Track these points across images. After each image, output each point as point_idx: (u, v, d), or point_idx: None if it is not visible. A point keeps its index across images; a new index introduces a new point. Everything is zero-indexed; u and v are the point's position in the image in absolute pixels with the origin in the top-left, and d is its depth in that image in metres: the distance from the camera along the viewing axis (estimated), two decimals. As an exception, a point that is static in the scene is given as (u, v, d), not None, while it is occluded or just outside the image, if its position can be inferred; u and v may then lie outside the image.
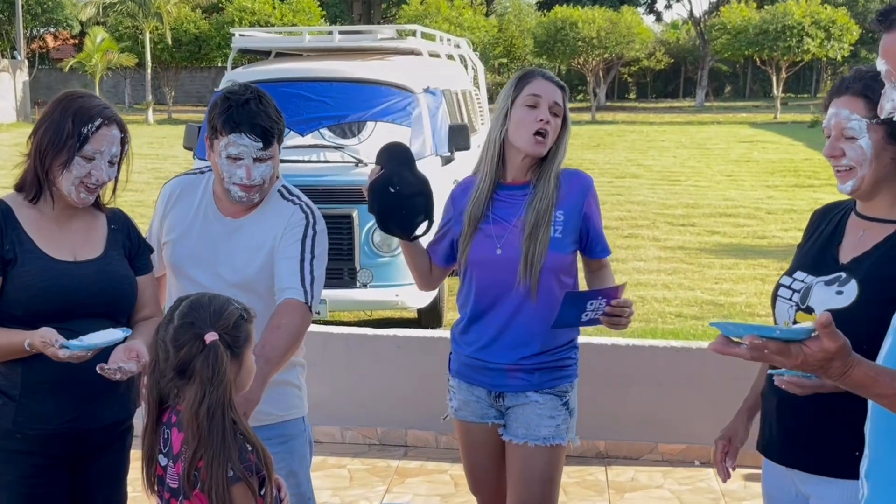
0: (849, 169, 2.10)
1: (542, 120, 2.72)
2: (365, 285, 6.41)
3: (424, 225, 2.82)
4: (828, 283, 2.13)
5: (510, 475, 2.83)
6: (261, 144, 2.50)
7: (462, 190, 2.92)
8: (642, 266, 9.99)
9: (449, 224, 2.91)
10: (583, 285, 2.91)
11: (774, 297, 2.27)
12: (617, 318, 2.67)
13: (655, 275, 9.60)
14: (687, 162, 20.43)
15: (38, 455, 2.41)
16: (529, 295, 2.72)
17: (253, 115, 2.48)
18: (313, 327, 5.03)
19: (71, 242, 2.47)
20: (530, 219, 2.71)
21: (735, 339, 1.69)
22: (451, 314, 7.83)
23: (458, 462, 4.58)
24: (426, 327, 6.75)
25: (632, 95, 57.90)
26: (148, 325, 2.47)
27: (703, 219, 12.64)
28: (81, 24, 42.15)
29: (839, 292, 2.10)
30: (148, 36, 36.55)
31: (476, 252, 2.77)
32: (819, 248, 2.24)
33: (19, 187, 2.46)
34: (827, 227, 2.27)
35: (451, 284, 8.66)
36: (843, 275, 2.12)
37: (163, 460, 2.04)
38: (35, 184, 2.43)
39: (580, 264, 2.91)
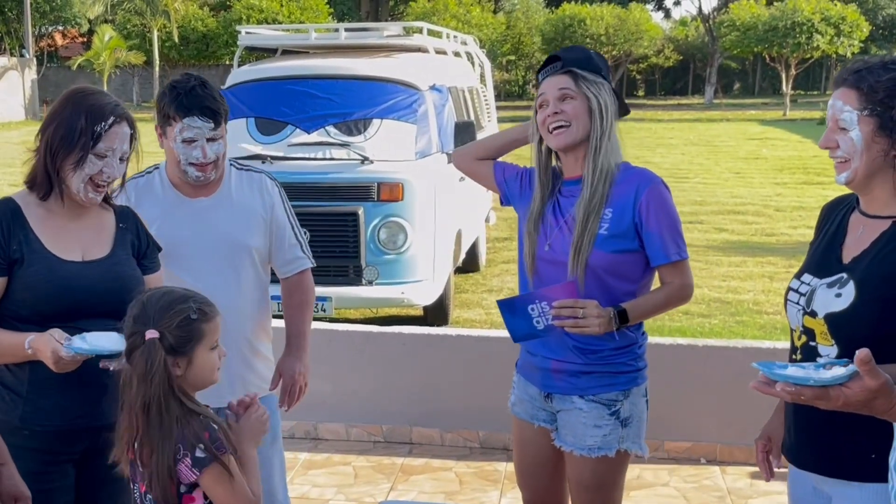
0: (844, 161, 2.09)
1: (548, 116, 2.64)
2: (370, 282, 6.40)
3: None
4: (829, 286, 2.11)
5: (568, 480, 2.82)
6: (212, 125, 2.70)
7: (533, 174, 2.81)
8: (650, 263, 9.96)
9: (520, 174, 2.86)
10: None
11: (786, 300, 2.25)
12: (574, 319, 2.53)
13: (663, 272, 9.56)
14: (695, 159, 20.37)
15: (45, 451, 2.43)
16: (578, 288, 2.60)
17: (202, 99, 2.69)
18: (318, 325, 5.05)
19: (79, 241, 2.47)
20: (579, 212, 2.62)
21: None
22: (458, 312, 7.83)
23: (463, 459, 4.60)
24: (432, 325, 6.75)
25: (640, 93, 57.78)
26: None
27: (710, 216, 12.60)
28: (90, 22, 42.22)
29: (838, 294, 2.08)
30: (156, 34, 36.64)
31: (530, 251, 2.73)
32: (824, 248, 2.22)
33: (30, 184, 2.45)
34: (832, 224, 2.25)
35: (457, 282, 8.66)
36: (844, 276, 2.10)
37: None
38: (45, 181, 2.41)
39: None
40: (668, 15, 63.17)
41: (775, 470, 2.41)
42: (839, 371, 1.67)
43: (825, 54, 38.50)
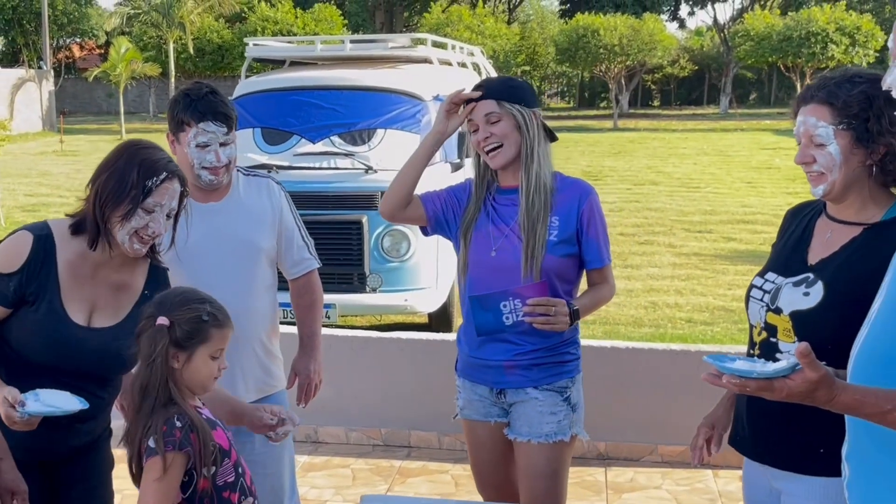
0: (820, 174, 2.16)
1: (479, 142, 2.82)
2: (374, 290, 6.50)
3: None
4: (796, 285, 2.19)
5: (518, 472, 2.93)
6: (225, 129, 2.81)
7: (463, 188, 2.98)
8: (656, 272, 10.02)
9: (449, 195, 2.96)
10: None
11: (748, 297, 2.33)
12: (545, 317, 2.71)
13: (669, 281, 9.62)
14: (707, 169, 20.37)
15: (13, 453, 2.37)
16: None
17: (215, 105, 2.81)
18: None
19: (93, 302, 2.44)
20: (523, 218, 2.79)
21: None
22: (461, 320, 7.90)
23: (459, 462, 4.67)
24: (437, 332, 6.83)
25: (655, 103, 57.72)
26: None
27: (720, 225, 12.64)
28: (107, 34, 42.67)
29: (806, 293, 2.16)
30: (171, 45, 36.94)
31: (473, 253, 2.86)
32: (789, 249, 2.30)
33: (74, 228, 2.42)
34: (797, 228, 2.33)
35: (463, 290, 8.74)
36: (811, 276, 2.18)
37: None
38: (94, 230, 2.39)
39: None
40: (682, 25, 63.11)
41: (708, 459, 2.52)
42: (781, 364, 1.76)
43: (840, 64, 38.35)
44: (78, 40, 49.70)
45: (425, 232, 3.00)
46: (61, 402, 2.25)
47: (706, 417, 2.57)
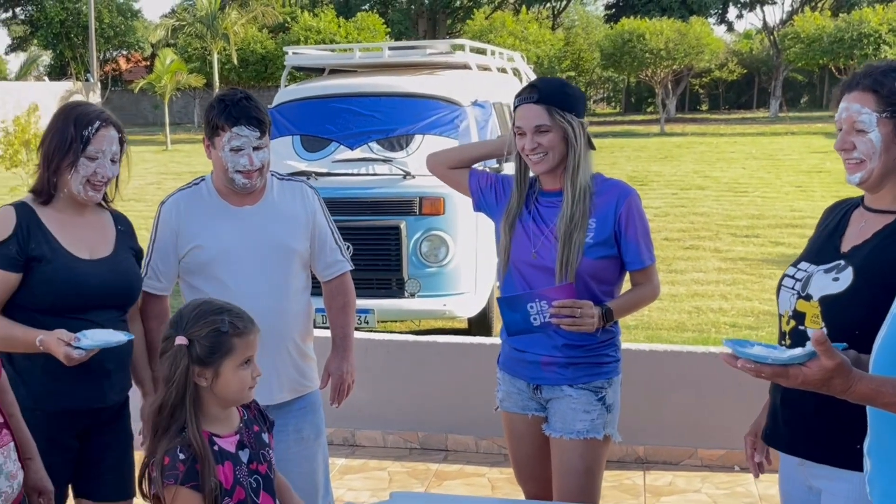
0: (859, 161, 2.16)
1: (526, 149, 2.84)
2: (413, 295, 6.52)
3: None
4: (827, 271, 2.20)
5: (553, 468, 2.96)
6: (258, 133, 2.87)
7: (509, 181, 3.01)
8: (701, 277, 9.91)
9: (496, 180, 3.04)
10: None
11: (779, 286, 2.34)
12: (571, 318, 2.73)
13: (714, 285, 9.51)
14: (756, 173, 20.09)
15: (54, 430, 2.66)
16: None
17: (248, 110, 2.86)
18: (356, 334, 5.17)
19: (86, 241, 2.72)
20: (563, 225, 2.82)
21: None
22: (501, 325, 7.88)
23: (496, 466, 4.66)
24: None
25: (704, 107, 57.13)
26: None
27: (767, 230, 12.45)
28: (152, 46, 43.47)
29: (835, 279, 2.16)
30: (216, 56, 37.45)
31: (515, 252, 2.91)
32: (824, 239, 2.31)
33: (34, 191, 2.72)
34: (833, 219, 2.34)
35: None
36: (842, 262, 2.19)
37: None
38: (46, 188, 2.68)
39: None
40: (730, 28, 62.48)
41: (764, 467, 2.48)
42: (797, 351, 1.74)
43: (894, 65, 37.54)
44: (124, 53, 50.70)
45: (474, 207, 3.12)
46: (107, 336, 2.49)
47: (752, 426, 2.54)
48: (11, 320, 2.61)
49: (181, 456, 2.03)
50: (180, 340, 2.09)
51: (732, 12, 57.74)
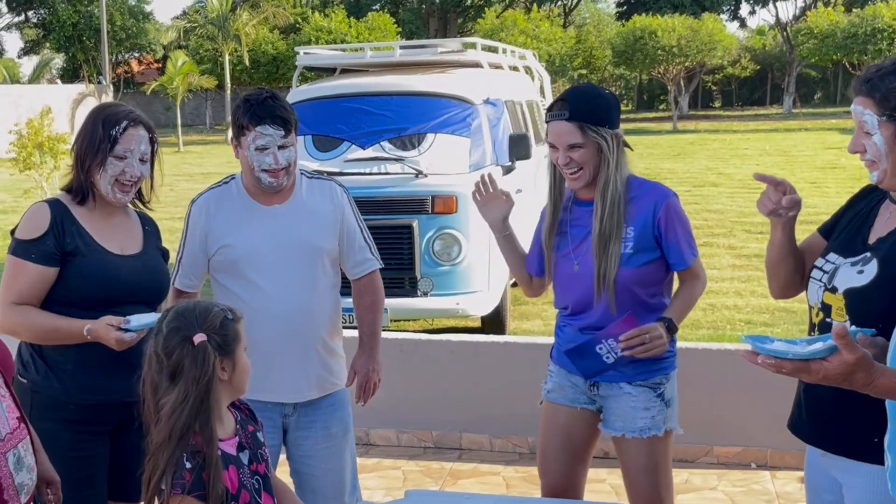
0: (872, 162, 2.17)
1: (560, 164, 2.84)
2: (426, 294, 6.50)
3: None
4: (853, 264, 2.20)
5: (621, 467, 3.00)
6: (283, 132, 2.86)
7: (544, 212, 3.06)
8: (716, 274, 9.84)
9: (538, 235, 3.07)
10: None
11: (808, 278, 2.34)
12: (641, 346, 2.76)
13: (728, 282, 9.45)
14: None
15: (87, 423, 2.70)
16: (610, 306, 2.84)
17: (273, 109, 2.86)
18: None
19: (116, 238, 2.79)
20: (597, 237, 2.81)
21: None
22: (516, 323, 7.87)
23: (511, 464, 4.65)
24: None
25: (717, 104, 56.92)
26: None
27: (781, 226, 12.38)
28: (164, 48, 43.63)
29: (860, 271, 2.17)
30: (227, 58, 37.53)
31: (558, 268, 2.94)
32: (853, 231, 2.31)
33: (68, 189, 2.78)
34: (864, 209, 2.33)
35: (516, 294, 8.70)
36: (868, 254, 2.19)
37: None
38: (80, 188, 2.75)
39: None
40: (743, 24, 62.23)
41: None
42: (818, 346, 1.73)
43: (908, 60, 37.30)
44: (136, 55, 50.92)
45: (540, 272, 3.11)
46: (152, 318, 2.50)
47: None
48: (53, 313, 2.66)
49: (187, 465, 2.00)
50: (200, 338, 2.05)
51: (745, 8, 57.58)
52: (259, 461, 2.21)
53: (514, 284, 8.20)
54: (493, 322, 7.04)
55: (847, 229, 2.33)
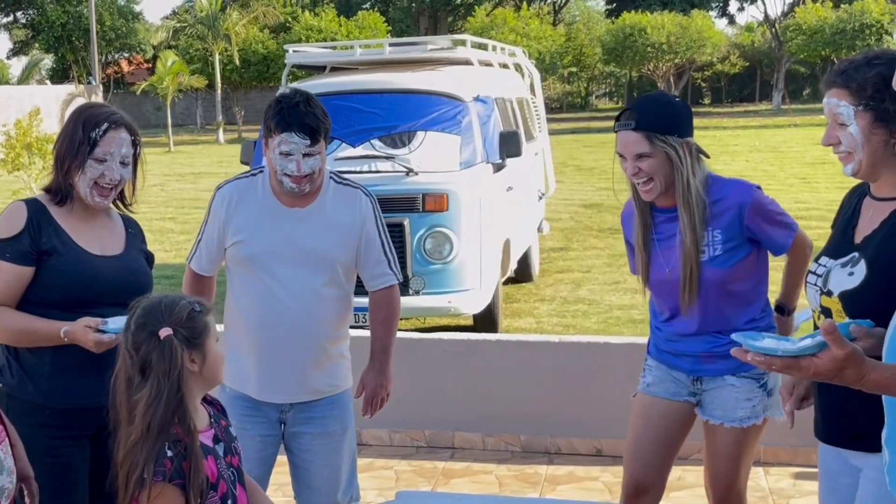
0: (847, 154, 2.18)
1: (629, 174, 2.82)
2: (418, 292, 6.48)
3: None
4: (843, 266, 2.20)
5: (705, 452, 3.02)
6: (308, 141, 2.80)
7: (628, 214, 3.06)
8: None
9: (629, 240, 3.08)
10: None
11: (805, 283, 2.35)
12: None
13: (719, 278, 9.46)
14: (759, 166, 20.06)
15: (65, 427, 2.64)
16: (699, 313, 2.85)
17: (302, 116, 2.79)
18: (360, 332, 5.14)
19: (97, 238, 2.73)
20: (682, 244, 2.81)
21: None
22: (508, 321, 7.86)
23: (504, 463, 4.64)
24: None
25: (706, 100, 57.01)
26: None
27: (772, 222, 12.40)
28: (154, 48, 43.52)
29: (851, 273, 2.17)
30: (217, 57, 37.43)
31: (653, 274, 2.94)
32: (840, 232, 2.32)
33: (47, 190, 2.73)
34: (848, 210, 2.35)
35: (509, 291, 8.70)
36: (856, 255, 2.19)
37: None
38: (59, 189, 2.69)
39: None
40: (732, 21, 62.39)
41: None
42: (807, 342, 1.73)
43: (896, 55, 37.44)
44: (126, 55, 50.79)
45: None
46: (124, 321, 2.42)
47: (788, 380, 2.48)
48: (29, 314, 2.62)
49: (168, 453, 2.01)
50: (166, 332, 2.06)
51: (733, 5, 57.62)
52: (233, 454, 2.23)
53: (506, 282, 8.20)
54: (486, 320, 7.02)
55: (835, 231, 2.35)
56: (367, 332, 4.99)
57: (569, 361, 4.75)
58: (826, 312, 2.20)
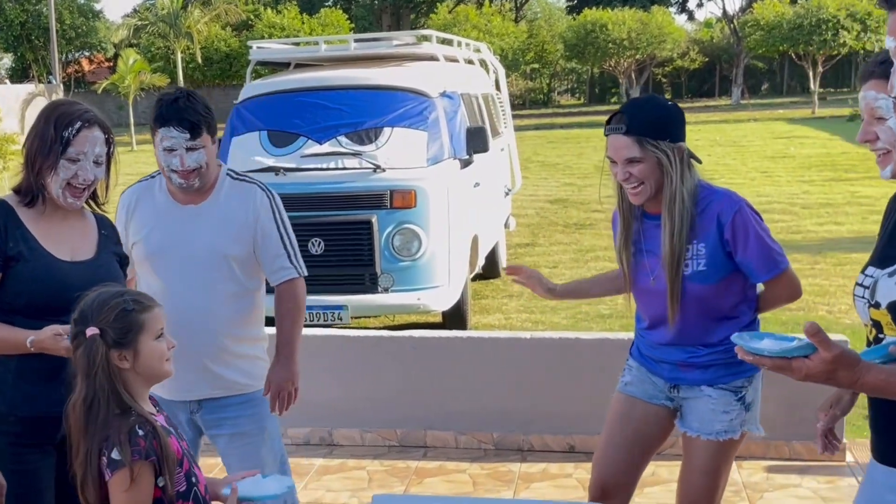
0: (885, 153, 2.02)
1: (619, 178, 2.75)
2: (386, 290, 6.42)
3: None
4: (891, 275, 2.04)
5: (682, 463, 2.94)
6: (188, 135, 2.82)
7: (615, 218, 3.00)
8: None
9: (613, 221, 3.01)
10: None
11: (854, 296, 2.18)
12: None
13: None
14: (722, 160, 20.22)
15: (30, 435, 2.57)
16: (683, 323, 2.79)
17: (180, 111, 2.81)
18: (330, 331, 5.09)
19: (68, 243, 2.63)
20: (667, 256, 2.73)
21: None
22: (477, 318, 7.83)
23: (477, 461, 4.60)
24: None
25: (667, 96, 57.39)
26: None
27: (735, 215, 12.50)
28: (115, 46, 42.92)
29: None
30: (179, 56, 37.07)
31: (637, 281, 2.88)
32: (885, 240, 2.16)
33: (17, 190, 2.63)
34: (893, 216, 2.18)
35: (476, 288, 8.66)
36: None
37: None
38: (30, 189, 2.59)
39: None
40: (691, 17, 62.91)
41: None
42: (794, 343, 1.72)
43: (852, 51, 38.05)
44: (86, 54, 50.08)
45: None
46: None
47: (826, 399, 2.41)
48: None
49: (140, 432, 2.04)
50: (92, 331, 2.09)
51: (693, 1, 58.15)
52: (181, 439, 2.27)
53: (474, 278, 8.17)
54: (455, 317, 6.98)
55: (881, 238, 2.18)
56: (349, 332, 4.99)
57: (540, 358, 4.72)
58: (877, 326, 2.05)
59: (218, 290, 2.94)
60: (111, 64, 46.35)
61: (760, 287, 2.88)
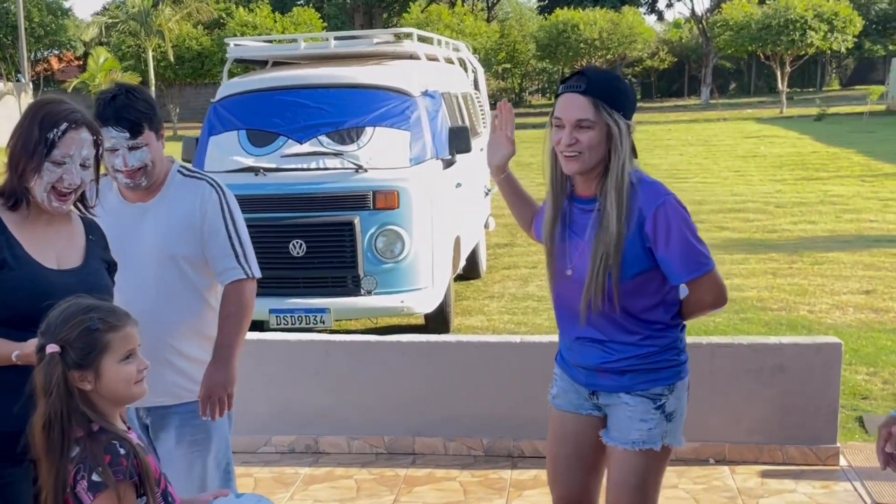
0: None
1: (562, 143, 2.56)
2: (369, 292, 6.31)
3: None
4: None
5: (607, 479, 2.78)
6: (128, 134, 2.77)
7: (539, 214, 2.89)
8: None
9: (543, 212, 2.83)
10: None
11: None
12: None
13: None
14: (694, 159, 20.30)
15: (6, 450, 2.42)
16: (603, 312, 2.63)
17: (118, 110, 2.75)
18: (315, 336, 4.96)
19: (54, 249, 2.51)
20: (594, 242, 2.57)
21: None
22: (459, 319, 7.73)
23: (467, 468, 4.51)
24: (434, 333, 6.64)
25: (637, 96, 57.62)
26: None
27: (711, 215, 12.50)
28: (85, 44, 42.34)
29: None
30: (150, 54, 36.63)
31: (553, 268, 2.72)
32: None
33: (1, 194, 2.49)
34: None
35: (458, 289, 8.57)
36: None
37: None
38: (13, 192, 2.46)
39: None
40: (661, 17, 63.20)
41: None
42: None
43: (819, 51, 38.43)
44: (56, 52, 49.29)
45: (535, 238, 2.95)
46: None
47: (889, 416, 2.25)
48: None
49: (122, 451, 1.96)
50: (51, 349, 1.98)
51: (662, 1, 58.46)
52: (153, 453, 2.25)
53: (455, 279, 8.08)
54: (438, 319, 6.88)
55: None
56: (335, 337, 4.86)
57: (529, 362, 4.63)
58: None
59: (167, 291, 2.86)
60: (81, 62, 45.72)
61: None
